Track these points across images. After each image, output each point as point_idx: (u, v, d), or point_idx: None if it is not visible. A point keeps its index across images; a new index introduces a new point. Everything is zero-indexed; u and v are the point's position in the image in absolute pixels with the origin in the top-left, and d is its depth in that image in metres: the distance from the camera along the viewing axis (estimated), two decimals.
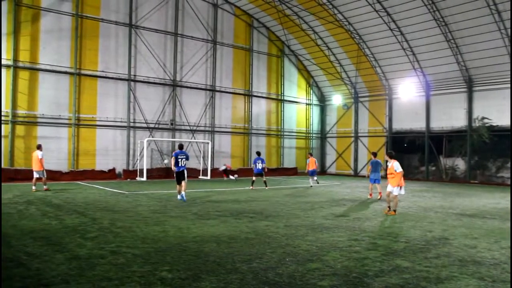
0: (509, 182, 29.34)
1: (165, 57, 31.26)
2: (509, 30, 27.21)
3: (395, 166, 13.56)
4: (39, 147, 19.50)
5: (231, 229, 10.44)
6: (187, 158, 16.98)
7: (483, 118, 30.50)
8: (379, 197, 18.68)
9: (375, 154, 20.40)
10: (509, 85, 29.27)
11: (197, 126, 32.87)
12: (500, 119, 29.76)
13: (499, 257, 8.09)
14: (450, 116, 32.37)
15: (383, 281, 6.38)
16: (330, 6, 32.16)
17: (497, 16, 26.83)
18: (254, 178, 23.29)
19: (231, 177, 30.45)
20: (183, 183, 16.56)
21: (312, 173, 25.24)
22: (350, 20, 33.10)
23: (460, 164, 32.49)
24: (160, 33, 30.96)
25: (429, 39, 30.73)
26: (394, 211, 13.61)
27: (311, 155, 26.68)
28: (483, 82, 30.76)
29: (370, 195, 19.32)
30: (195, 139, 32.50)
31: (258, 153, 24.31)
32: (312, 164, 25.24)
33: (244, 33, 35.93)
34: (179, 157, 16.76)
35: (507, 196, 20.90)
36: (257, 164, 23.08)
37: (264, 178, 23.27)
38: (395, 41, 32.21)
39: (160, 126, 31.00)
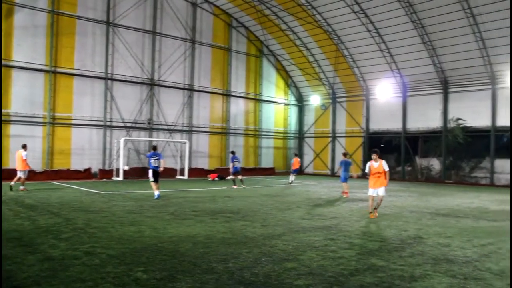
0: (482, 182, 29.93)
1: (143, 56, 30.96)
2: (483, 34, 27.75)
3: (384, 165, 13.08)
4: (24, 147, 19.24)
5: (208, 229, 10.40)
6: (159, 159, 17.31)
7: (458, 119, 31.04)
8: (344, 196, 19.30)
9: (345, 155, 21.59)
10: (482, 87, 29.94)
11: (175, 125, 32.65)
12: (474, 120, 30.35)
13: (471, 255, 8.23)
14: (426, 117, 32.86)
15: (358, 280, 6.43)
16: (309, 7, 32.31)
17: (471, 19, 27.32)
18: (234, 177, 23.57)
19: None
20: (156, 183, 16.99)
21: (294, 172, 27.44)
22: (329, 21, 33.31)
23: (435, 164, 32.98)
24: (138, 31, 30.66)
25: (406, 41, 31.14)
26: (371, 212, 13.16)
27: (296, 155, 29.25)
28: (458, 84, 31.30)
29: (346, 194, 19.62)
30: (172, 138, 32.28)
31: (233, 152, 24.49)
32: (296, 163, 27.82)
33: (223, 32, 35.83)
34: (152, 158, 17.17)
35: (481, 195, 21.31)
36: (235, 162, 23.39)
37: (241, 177, 23.69)
38: (373, 42, 32.54)
39: (137, 125, 30.70)
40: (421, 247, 8.81)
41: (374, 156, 13.29)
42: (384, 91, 34.70)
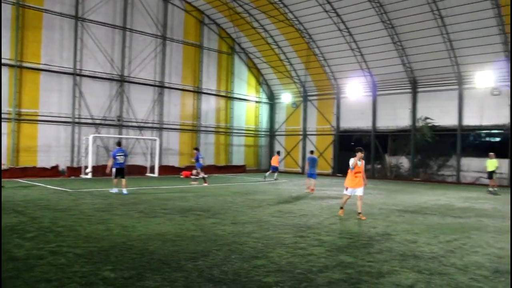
0: (449, 180, 30.61)
1: (113, 52, 30.48)
2: (451, 35, 28.36)
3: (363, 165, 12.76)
4: None
5: (177, 226, 10.33)
6: (126, 155, 17.46)
7: (426, 118, 31.65)
8: (311, 192, 20.04)
9: (312, 152, 22.73)
10: (449, 87, 30.61)
11: (145, 122, 32.27)
12: (442, 120, 31.02)
13: (437, 251, 8.41)
14: (395, 116, 33.40)
15: (327, 277, 6.49)
16: (281, 5, 32.38)
17: (440, 21, 27.88)
18: (202, 174, 23.50)
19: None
20: (123, 180, 17.32)
21: (274, 169, 28.59)
22: (300, 19, 33.46)
23: (404, 162, 33.56)
24: (108, 26, 30.15)
25: (376, 41, 31.56)
26: (342, 208, 13.14)
27: (278, 153, 30.73)
28: (426, 83, 31.92)
29: (309, 189, 20.44)
30: (142, 135, 31.91)
31: (197, 149, 24.56)
32: (274, 161, 28.97)
33: (194, 29, 35.58)
34: (117, 155, 17.44)
35: (447, 193, 21.79)
36: (200, 159, 23.50)
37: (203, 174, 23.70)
38: (343, 41, 32.86)
39: (107, 122, 30.21)
40: (389, 244, 8.95)
41: (361, 154, 12.61)
42: (355, 90, 35.12)
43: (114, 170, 17.56)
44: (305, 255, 7.78)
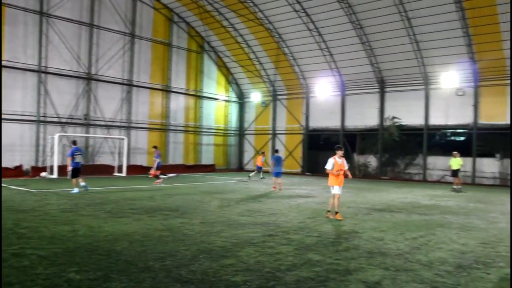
0: (416, 178, 31.22)
1: (80, 49, 29.86)
2: (417, 36, 28.92)
3: (345, 162, 12.56)
4: None
5: (145, 227, 10.21)
6: (82, 154, 17.51)
7: (394, 117, 32.19)
8: (280, 189, 20.71)
9: (277, 151, 23.73)
10: (416, 87, 31.24)
11: (113, 121, 31.76)
12: (409, 119, 31.63)
13: (403, 248, 8.55)
14: (364, 115, 33.85)
15: (295, 275, 6.51)
16: (251, 4, 32.39)
17: (407, 22, 28.40)
18: (159, 172, 23.29)
19: (170, 175, 29.89)
20: (80, 179, 17.51)
21: (259, 169, 29.11)
22: (270, 19, 33.55)
23: (372, 161, 34.05)
24: (74, 23, 29.52)
25: (345, 41, 31.92)
26: (337, 212, 12.36)
27: (262, 154, 31.10)
28: (394, 83, 32.48)
29: (274, 188, 21.21)
30: (110, 134, 31.41)
31: (156, 147, 24.16)
32: (258, 161, 29.53)
33: (163, 27, 35.23)
34: (75, 153, 17.52)
35: (413, 191, 22.22)
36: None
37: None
38: (313, 41, 33.10)
39: (73, 121, 29.61)
40: (356, 241, 9.05)
41: (340, 152, 12.34)
42: (324, 90, 35.44)
43: (71, 170, 17.39)
44: (273, 254, 7.79)
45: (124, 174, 29.53)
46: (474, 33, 27.27)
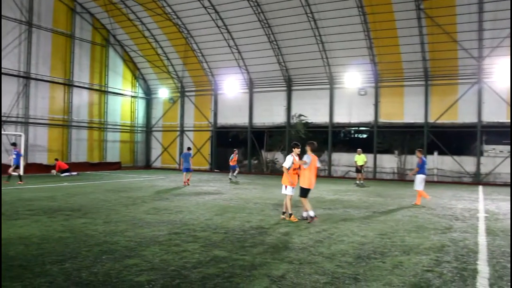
0: (321, 174, 32.28)
1: None
2: (323, 37, 29.97)
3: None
4: None
5: (44, 228, 9.62)
6: None
7: (300, 115, 33.10)
8: (184, 185, 21.72)
9: (189, 148, 24.46)
10: (321, 86, 32.40)
11: (8, 116, 29.50)
12: (314, 117, 32.73)
13: (307, 241, 8.77)
14: (271, 113, 34.50)
15: (200, 272, 6.44)
16: None
17: (313, 23, 29.32)
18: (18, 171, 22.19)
19: (73, 173, 28.31)
20: None
21: (233, 168, 26.12)
22: (178, 14, 33.07)
23: (279, 157, 34.71)
24: None
25: (253, 39, 32.29)
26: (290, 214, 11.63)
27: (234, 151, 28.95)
28: (301, 82, 33.42)
29: (184, 183, 22.14)
30: (5, 131, 29.18)
31: (15, 144, 23.32)
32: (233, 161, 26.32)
33: (65, 17, 33.32)
34: None
35: (319, 186, 22.79)
36: (15, 155, 22.08)
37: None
38: (221, 38, 33.11)
39: None
40: (262, 237, 9.13)
41: (297, 149, 11.58)
42: (232, 87, 35.63)
43: None
44: (179, 252, 7.66)
45: (21, 173, 27.58)
46: (375, 36, 28.82)
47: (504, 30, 25.67)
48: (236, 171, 26.32)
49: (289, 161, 11.37)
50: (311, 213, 11.23)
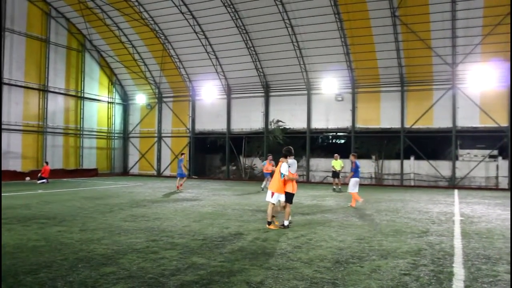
0: (300, 180, 32.29)
1: None
2: (300, 43, 30.18)
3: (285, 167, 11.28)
4: None
5: (17, 237, 9.41)
6: None
7: (278, 121, 33.20)
8: (178, 189, 22.60)
9: (182, 154, 25.48)
10: (299, 92, 32.60)
11: None
12: (292, 122, 32.88)
13: (286, 247, 8.77)
14: (249, 119, 34.53)
15: (178, 279, 6.38)
16: (136, 4, 31.53)
17: (290, 30, 29.51)
18: None
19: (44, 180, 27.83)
20: None
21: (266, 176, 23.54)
22: (156, 19, 32.92)
23: (257, 163, 34.75)
24: None
25: (231, 45, 32.33)
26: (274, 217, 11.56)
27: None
28: (278, 88, 33.56)
29: (177, 187, 22.85)
30: None
31: None
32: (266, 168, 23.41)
33: (40, 22, 32.81)
34: None
35: (297, 192, 22.92)
36: None
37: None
38: (199, 44, 33.07)
39: None
40: (240, 243, 9.10)
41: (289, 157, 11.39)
42: (210, 93, 35.57)
43: None
44: (157, 259, 7.58)
45: None
46: (351, 43, 29.15)
47: (476, 38, 26.33)
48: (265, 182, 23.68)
49: (287, 168, 11.13)
50: (286, 223, 11.26)
